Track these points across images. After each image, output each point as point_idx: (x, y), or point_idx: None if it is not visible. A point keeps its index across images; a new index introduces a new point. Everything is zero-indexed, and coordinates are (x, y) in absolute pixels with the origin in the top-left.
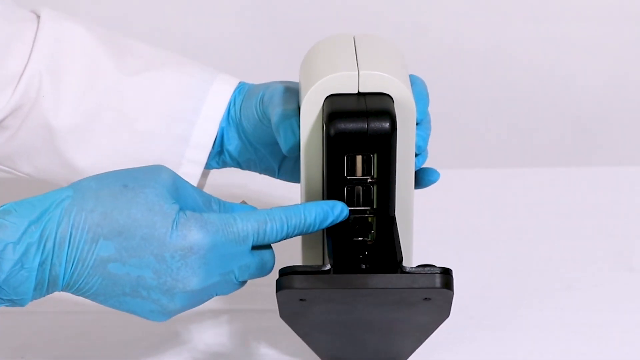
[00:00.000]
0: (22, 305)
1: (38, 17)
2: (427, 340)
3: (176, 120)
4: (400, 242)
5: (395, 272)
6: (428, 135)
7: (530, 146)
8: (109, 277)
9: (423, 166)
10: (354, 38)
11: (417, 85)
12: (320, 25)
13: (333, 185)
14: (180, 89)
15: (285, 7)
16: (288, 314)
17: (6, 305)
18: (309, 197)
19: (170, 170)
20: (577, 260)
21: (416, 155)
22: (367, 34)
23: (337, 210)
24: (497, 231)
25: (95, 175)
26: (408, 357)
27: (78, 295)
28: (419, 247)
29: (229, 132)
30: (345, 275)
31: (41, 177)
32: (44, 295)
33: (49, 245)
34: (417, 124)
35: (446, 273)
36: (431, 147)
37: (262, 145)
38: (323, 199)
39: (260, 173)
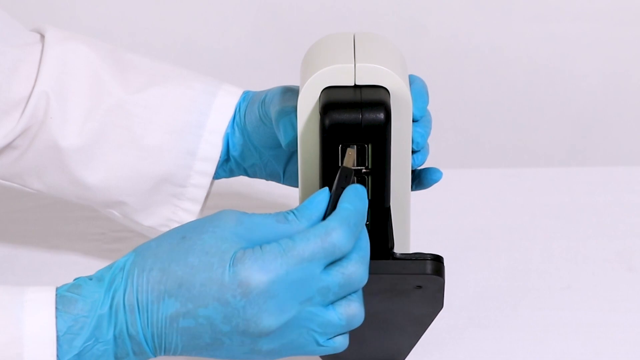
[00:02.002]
0: None
1: (42, 36)
2: (426, 340)
3: (183, 134)
4: (396, 236)
5: (386, 258)
6: (427, 132)
7: (530, 146)
8: (184, 332)
9: (425, 165)
10: (354, 35)
11: (417, 84)
12: (321, 29)
13: (328, 175)
14: (184, 103)
15: (287, 9)
16: None
17: None
18: (305, 187)
19: (233, 210)
20: (577, 260)
21: (415, 152)
22: (367, 32)
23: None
24: (496, 231)
25: (157, 236)
26: (406, 355)
27: (177, 355)
28: (419, 247)
29: (234, 139)
30: None
31: (51, 194)
32: None
33: (121, 315)
34: (416, 120)
35: (437, 260)
36: (431, 147)
37: (265, 148)
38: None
39: (266, 179)
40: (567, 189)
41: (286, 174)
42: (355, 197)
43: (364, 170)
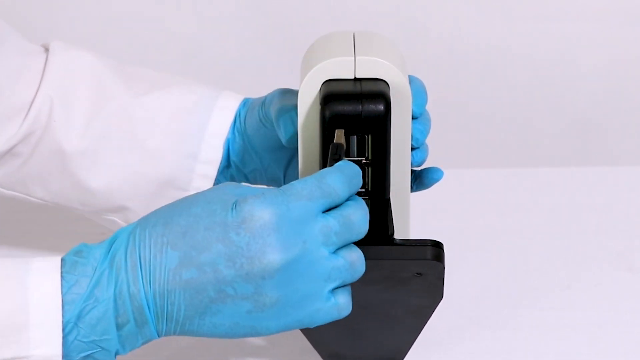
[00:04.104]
0: (110, 352)
1: (47, 49)
2: (426, 340)
3: (184, 137)
4: (396, 233)
5: (386, 244)
6: (426, 130)
7: (530, 146)
8: (187, 286)
9: (425, 164)
10: (354, 33)
11: (416, 83)
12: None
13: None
14: (186, 106)
15: (287, 10)
16: None
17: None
18: None
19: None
20: (577, 260)
21: (415, 149)
22: (367, 31)
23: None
24: (497, 231)
25: None
26: (406, 353)
27: (179, 335)
28: None
29: (234, 144)
30: None
31: (55, 202)
32: (138, 341)
33: (122, 273)
34: (415, 117)
35: (437, 246)
36: (432, 146)
37: (266, 152)
38: None
39: (267, 184)
40: (567, 189)
41: (287, 178)
42: (346, 163)
43: (364, 161)
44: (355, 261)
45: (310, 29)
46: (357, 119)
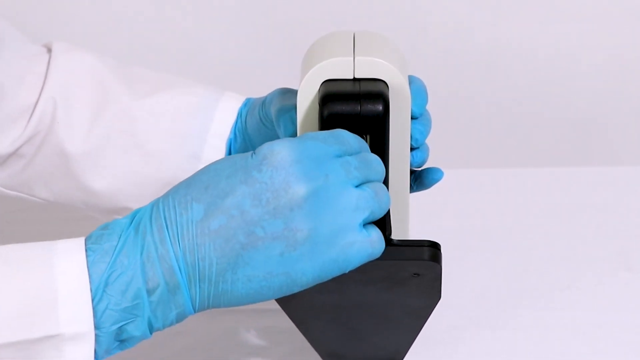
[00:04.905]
0: (143, 322)
1: (50, 50)
2: (426, 340)
3: (187, 139)
4: (396, 233)
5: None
6: (426, 130)
7: (530, 146)
8: (216, 235)
9: (426, 165)
10: (354, 33)
11: (416, 83)
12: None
13: None
14: (188, 108)
15: (287, 11)
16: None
17: (133, 335)
18: None
19: None
20: (577, 260)
21: (414, 149)
22: (367, 31)
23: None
24: (496, 231)
25: None
26: (405, 353)
27: (212, 307)
28: None
29: (236, 145)
30: None
31: (58, 202)
32: (171, 311)
33: (148, 237)
34: (415, 118)
35: (434, 247)
36: (432, 146)
37: None
38: None
39: None
40: (567, 189)
41: None
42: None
43: None
44: (379, 191)
45: (310, 29)
46: (355, 119)
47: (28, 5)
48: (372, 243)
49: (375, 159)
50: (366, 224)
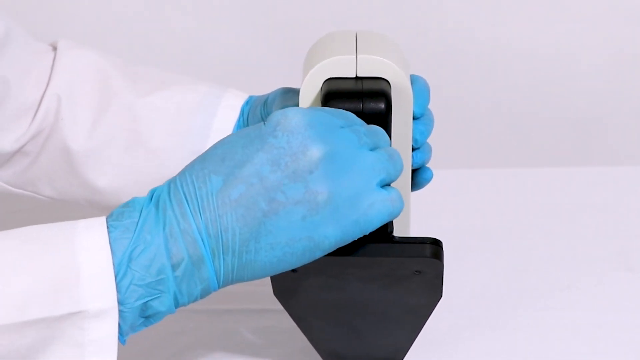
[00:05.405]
0: (168, 297)
1: (55, 48)
2: (426, 340)
3: (189, 136)
4: (397, 232)
5: (385, 242)
6: (428, 131)
7: (530, 146)
8: (237, 204)
9: (427, 165)
10: (356, 33)
11: (419, 83)
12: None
13: None
14: (191, 105)
15: (287, 10)
16: (281, 290)
17: (159, 311)
18: None
19: None
20: (577, 260)
21: (415, 149)
22: (369, 30)
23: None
24: (496, 231)
25: None
26: (406, 353)
27: (236, 281)
28: None
29: None
30: None
31: (63, 199)
32: (197, 286)
33: (169, 212)
34: (417, 118)
35: (436, 244)
36: (432, 146)
37: None
38: None
39: None
40: (567, 189)
41: None
42: None
43: None
44: (393, 154)
45: (311, 28)
46: (358, 117)
47: (28, 5)
48: (393, 201)
49: (382, 130)
50: (383, 185)
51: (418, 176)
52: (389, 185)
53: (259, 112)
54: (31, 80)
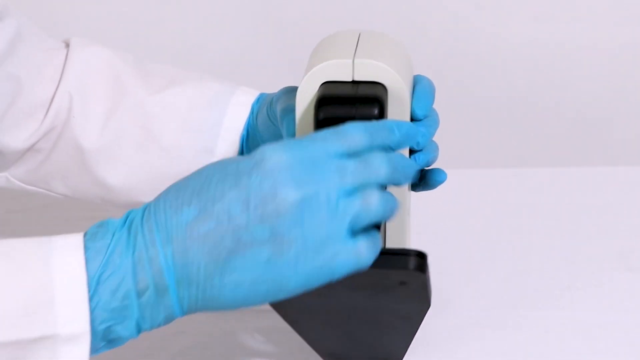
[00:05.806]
0: (131, 322)
1: (67, 45)
2: (426, 340)
3: (200, 133)
4: (396, 235)
5: None
6: (430, 132)
7: (530, 146)
8: (205, 239)
9: (432, 166)
10: (359, 33)
11: (423, 83)
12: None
13: None
14: (202, 102)
15: (289, 10)
16: None
17: (120, 336)
18: None
19: None
20: (577, 260)
21: (417, 151)
22: (374, 31)
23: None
24: (496, 231)
25: None
26: (404, 354)
27: (201, 310)
28: (419, 247)
29: (248, 142)
30: None
31: (76, 197)
32: (160, 314)
33: (140, 238)
34: (419, 119)
35: (420, 256)
36: None
37: None
38: None
39: None
40: (567, 189)
41: None
42: (403, 125)
43: None
44: (370, 199)
45: (316, 27)
46: None
47: (28, 5)
48: (358, 255)
49: (379, 158)
50: (360, 231)
51: (430, 178)
52: (373, 226)
53: (265, 111)
54: (43, 77)
